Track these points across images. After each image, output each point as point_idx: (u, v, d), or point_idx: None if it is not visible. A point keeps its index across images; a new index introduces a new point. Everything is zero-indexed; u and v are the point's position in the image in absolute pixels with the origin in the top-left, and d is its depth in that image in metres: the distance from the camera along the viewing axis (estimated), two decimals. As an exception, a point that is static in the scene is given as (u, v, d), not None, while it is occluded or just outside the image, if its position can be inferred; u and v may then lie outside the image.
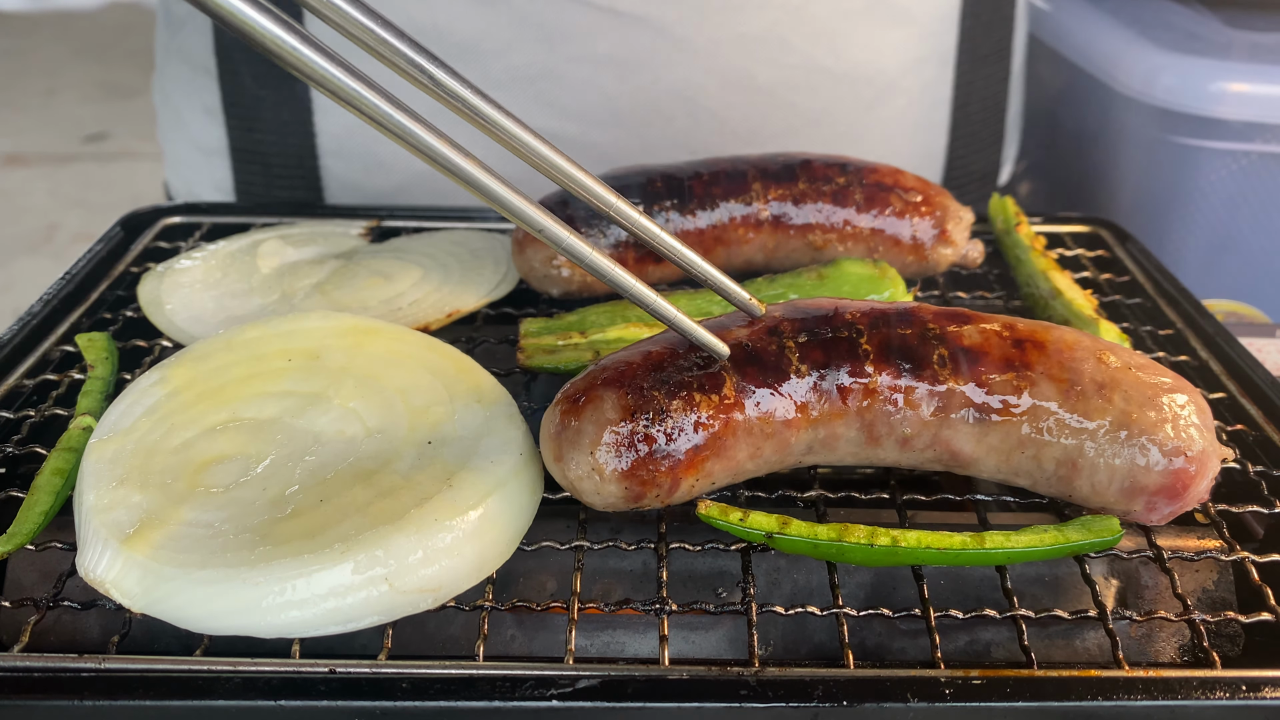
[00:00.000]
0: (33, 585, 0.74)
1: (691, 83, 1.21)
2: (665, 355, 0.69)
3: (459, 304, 0.97)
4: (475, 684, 0.60)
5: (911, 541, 0.66)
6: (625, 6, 1.16)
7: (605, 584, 0.75)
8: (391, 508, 0.66)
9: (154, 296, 0.96)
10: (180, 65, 1.30)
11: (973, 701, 0.60)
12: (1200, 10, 1.49)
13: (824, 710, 0.59)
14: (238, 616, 0.61)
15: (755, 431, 0.69)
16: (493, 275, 1.02)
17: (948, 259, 0.99)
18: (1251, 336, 1.23)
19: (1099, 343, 0.72)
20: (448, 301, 0.97)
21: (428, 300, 0.97)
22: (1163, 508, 0.69)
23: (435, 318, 0.94)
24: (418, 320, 0.93)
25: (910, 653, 0.74)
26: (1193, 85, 1.29)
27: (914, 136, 1.33)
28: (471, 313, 0.97)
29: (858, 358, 0.70)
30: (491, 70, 1.19)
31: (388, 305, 0.96)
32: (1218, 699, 0.60)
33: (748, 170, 0.98)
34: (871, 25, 1.24)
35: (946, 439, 0.71)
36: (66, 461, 0.73)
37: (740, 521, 0.67)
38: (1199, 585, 0.75)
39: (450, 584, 0.65)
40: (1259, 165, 1.30)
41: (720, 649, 0.74)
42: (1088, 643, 0.73)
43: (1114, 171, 1.44)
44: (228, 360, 0.79)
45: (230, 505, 0.66)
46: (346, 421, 0.74)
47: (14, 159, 4.11)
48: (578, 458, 0.67)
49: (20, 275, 3.27)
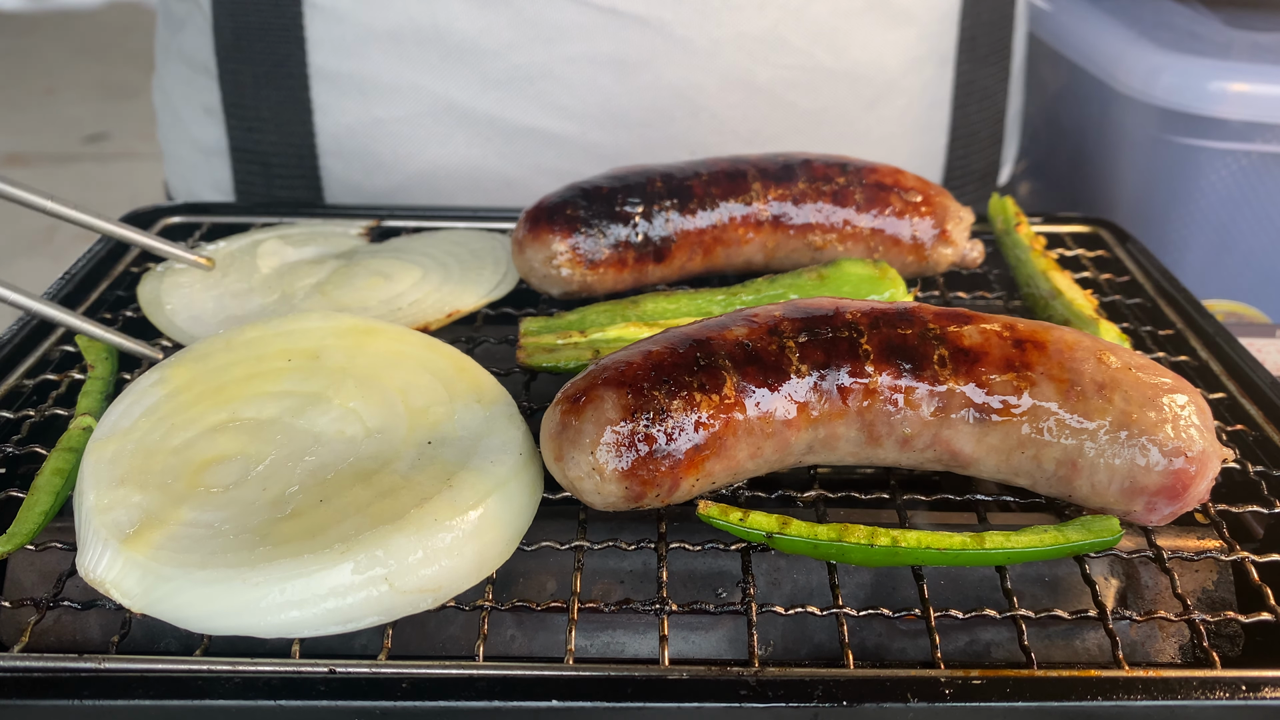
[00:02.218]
0: (33, 585, 0.74)
1: (691, 83, 1.21)
2: (665, 355, 0.69)
3: (459, 304, 0.97)
4: (475, 684, 0.60)
5: (911, 541, 0.66)
6: (625, 6, 1.16)
7: (605, 584, 0.75)
8: (391, 508, 0.66)
9: (154, 296, 0.96)
10: (180, 65, 1.30)
11: (973, 701, 0.60)
12: (1200, 10, 1.49)
13: (824, 710, 0.59)
14: (238, 616, 0.61)
15: (755, 431, 0.69)
16: (492, 275, 1.02)
17: (948, 259, 0.99)
18: (1251, 336, 1.24)
19: (1099, 343, 0.72)
20: (448, 301, 0.97)
21: (428, 300, 0.97)
22: (1163, 508, 0.69)
23: (435, 318, 0.94)
24: (417, 320, 0.93)
25: (910, 653, 0.74)
26: (1193, 85, 1.29)
27: (914, 136, 1.33)
28: (471, 313, 0.97)
29: (858, 358, 0.70)
30: (491, 70, 1.19)
31: (388, 305, 0.96)
32: (1218, 699, 0.60)
33: (748, 170, 0.98)
34: (871, 25, 1.24)
35: (946, 439, 0.71)
36: (66, 461, 0.73)
37: (740, 521, 0.67)
38: (1199, 585, 0.75)
39: (450, 584, 0.65)
40: (1259, 165, 1.30)
41: (720, 649, 0.74)
42: (1088, 643, 0.73)
43: (1114, 171, 1.44)
44: (228, 360, 0.79)
45: (230, 505, 0.66)
46: (346, 421, 0.74)
47: (14, 159, 4.11)
48: (578, 457, 0.67)
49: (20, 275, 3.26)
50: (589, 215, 0.94)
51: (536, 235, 0.93)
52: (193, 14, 1.26)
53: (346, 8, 1.18)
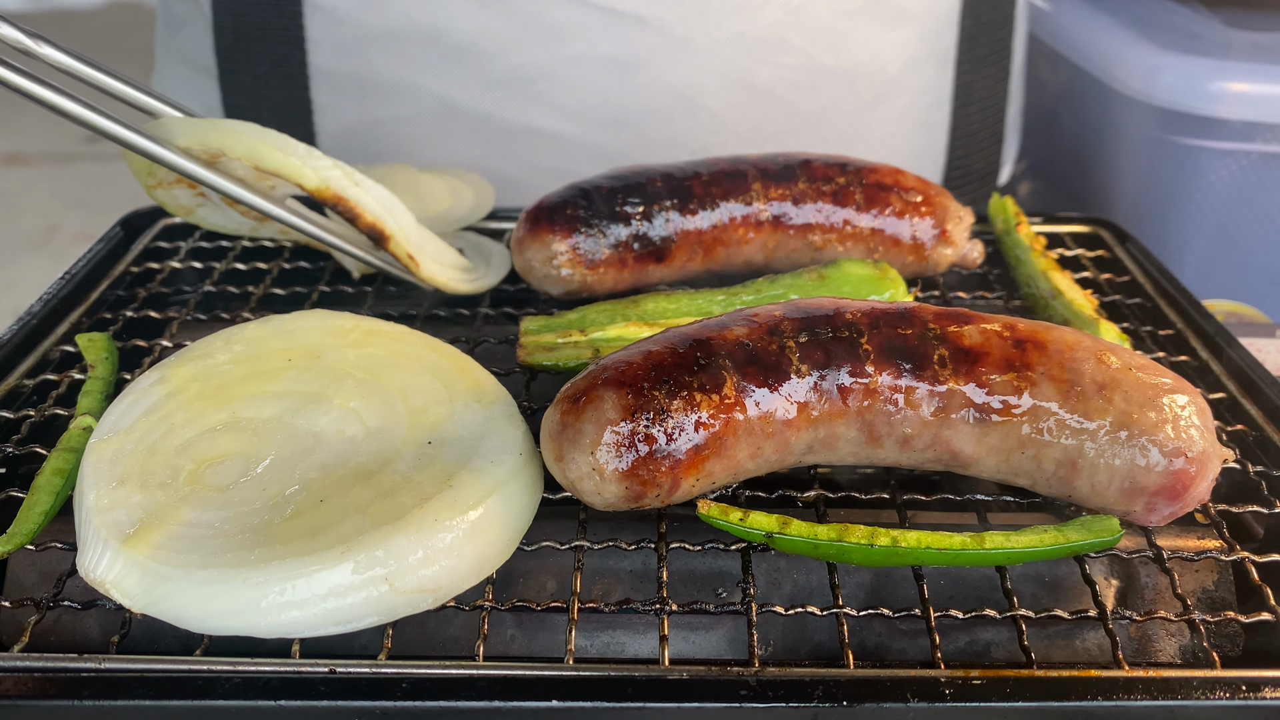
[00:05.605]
0: (33, 585, 0.74)
1: (691, 83, 1.21)
2: (666, 355, 0.69)
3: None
4: (475, 684, 0.60)
5: (911, 541, 0.66)
6: (625, 6, 1.16)
7: (605, 584, 0.75)
8: (391, 508, 0.66)
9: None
10: (180, 65, 1.30)
11: (973, 701, 0.60)
12: (1200, 10, 1.49)
13: (824, 710, 0.59)
14: (238, 616, 0.61)
15: (756, 431, 0.69)
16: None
17: (948, 259, 0.99)
18: (1251, 336, 1.24)
19: (1099, 343, 0.72)
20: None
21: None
22: (1163, 508, 0.69)
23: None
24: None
25: (910, 653, 0.74)
26: (1193, 85, 1.29)
27: (914, 136, 1.33)
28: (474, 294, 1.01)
29: (858, 358, 0.70)
30: (491, 70, 1.19)
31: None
32: (1218, 699, 0.60)
33: (748, 170, 0.98)
34: (871, 25, 1.24)
35: (947, 439, 0.71)
36: (66, 461, 0.73)
37: (740, 521, 0.67)
38: (1199, 585, 0.75)
39: (450, 584, 0.65)
40: (1259, 165, 1.30)
41: (720, 649, 0.74)
42: (1088, 643, 0.73)
43: (1114, 171, 1.44)
44: (228, 360, 0.79)
45: (230, 505, 0.66)
46: (346, 421, 0.74)
47: (14, 159, 4.11)
48: (578, 457, 0.67)
49: (20, 275, 3.27)
50: (589, 215, 0.94)
51: (536, 235, 0.93)
52: (193, 14, 1.26)
53: (346, 8, 1.18)
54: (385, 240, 0.93)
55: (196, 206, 1.05)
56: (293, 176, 0.88)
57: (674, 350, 0.70)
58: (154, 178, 1.00)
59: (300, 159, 0.88)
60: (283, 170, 0.88)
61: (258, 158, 0.87)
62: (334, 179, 0.90)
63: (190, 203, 1.04)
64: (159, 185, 1.01)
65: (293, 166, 0.88)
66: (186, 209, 1.05)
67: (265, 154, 0.88)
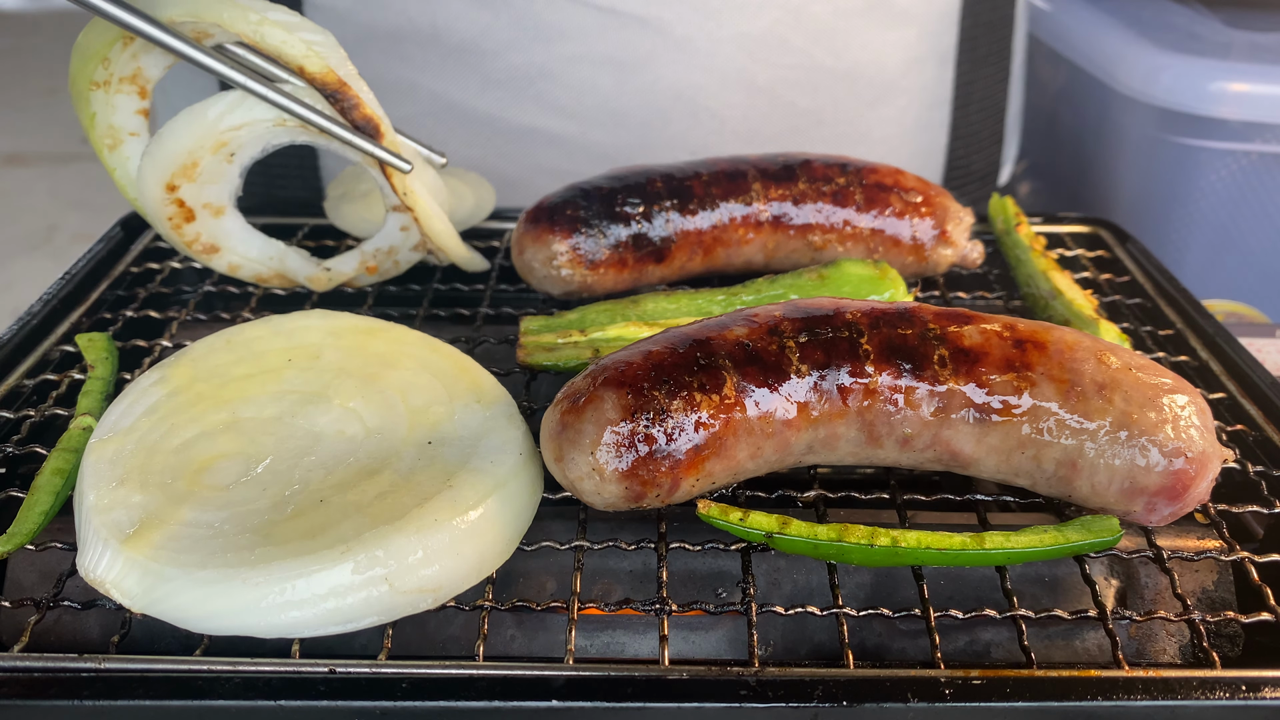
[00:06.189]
0: (33, 585, 0.74)
1: (691, 83, 1.21)
2: (665, 355, 0.69)
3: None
4: (475, 684, 0.60)
5: (911, 542, 0.66)
6: (625, 6, 1.16)
7: (605, 584, 0.75)
8: (391, 508, 0.66)
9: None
10: (180, 65, 1.30)
11: (973, 701, 0.60)
12: (1200, 10, 1.49)
13: (824, 710, 0.59)
14: (238, 616, 0.61)
15: (756, 431, 0.69)
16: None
17: (948, 259, 0.99)
18: (1251, 336, 1.24)
19: (1099, 343, 0.72)
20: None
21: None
22: (1163, 509, 0.69)
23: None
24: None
25: (910, 653, 0.74)
26: (1193, 85, 1.30)
27: (914, 136, 1.33)
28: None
29: (858, 358, 0.70)
30: (491, 70, 1.19)
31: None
32: (1218, 699, 0.60)
33: (748, 170, 0.98)
34: (871, 25, 1.24)
35: (947, 439, 0.71)
36: (66, 461, 0.73)
37: (740, 521, 0.67)
38: (1199, 585, 0.75)
39: (450, 584, 0.65)
40: (1259, 165, 1.30)
41: (720, 649, 0.74)
42: (1088, 643, 0.73)
43: (1114, 171, 1.44)
44: (228, 360, 0.79)
45: (230, 505, 0.66)
46: (346, 421, 0.74)
47: (14, 159, 4.11)
48: (578, 457, 0.67)
49: (20, 275, 3.26)
50: (589, 215, 0.94)
51: (536, 235, 0.93)
52: (193, 14, 1.26)
53: (346, 8, 1.18)
54: (379, 136, 0.89)
55: (127, 135, 0.91)
56: (294, 59, 0.81)
57: (674, 350, 0.70)
58: (107, 68, 0.86)
59: (305, 41, 0.81)
60: (284, 51, 0.81)
61: (260, 36, 0.79)
62: (338, 62, 0.83)
63: (123, 124, 0.90)
64: (102, 85, 0.87)
65: (296, 47, 0.80)
66: (115, 134, 0.91)
67: (269, 32, 0.79)
